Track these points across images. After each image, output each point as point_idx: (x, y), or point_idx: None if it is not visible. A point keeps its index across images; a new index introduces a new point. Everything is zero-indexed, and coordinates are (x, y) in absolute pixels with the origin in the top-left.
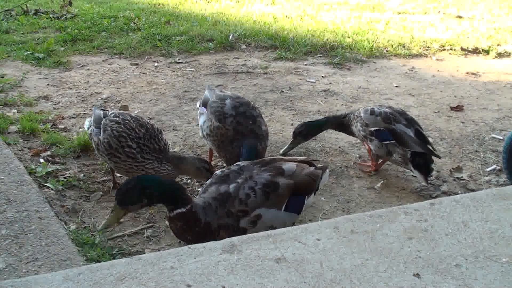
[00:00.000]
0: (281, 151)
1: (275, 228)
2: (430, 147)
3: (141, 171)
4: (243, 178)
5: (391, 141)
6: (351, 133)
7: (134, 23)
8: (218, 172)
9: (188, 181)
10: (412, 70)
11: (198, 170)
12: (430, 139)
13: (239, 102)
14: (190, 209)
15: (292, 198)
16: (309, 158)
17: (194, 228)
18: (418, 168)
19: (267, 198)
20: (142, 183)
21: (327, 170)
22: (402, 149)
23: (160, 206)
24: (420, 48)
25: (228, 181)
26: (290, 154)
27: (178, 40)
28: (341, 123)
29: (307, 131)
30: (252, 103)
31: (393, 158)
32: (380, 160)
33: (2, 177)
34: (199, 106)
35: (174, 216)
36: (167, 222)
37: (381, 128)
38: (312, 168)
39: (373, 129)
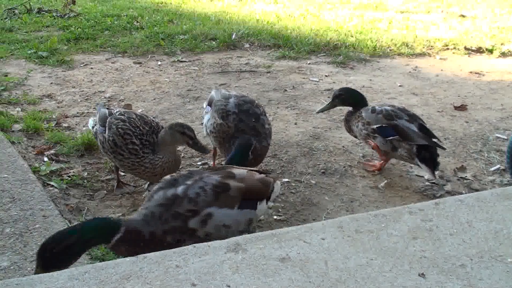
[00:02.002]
0: (317, 110)
1: (229, 227)
2: (435, 140)
3: (140, 166)
4: (192, 180)
5: (395, 137)
6: (349, 127)
7: (137, 21)
8: (167, 176)
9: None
10: (415, 69)
11: (173, 137)
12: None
13: (243, 101)
14: (126, 230)
15: (244, 201)
16: (262, 169)
17: (139, 244)
18: (425, 162)
19: (217, 198)
20: (62, 241)
21: (278, 182)
22: (407, 143)
23: None
24: (423, 47)
25: (177, 185)
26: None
27: (181, 39)
28: (357, 102)
29: (347, 96)
30: (256, 102)
31: (398, 153)
32: (382, 161)
33: (6, 175)
34: (205, 106)
35: (114, 244)
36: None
37: (383, 125)
38: (263, 175)
39: (375, 126)
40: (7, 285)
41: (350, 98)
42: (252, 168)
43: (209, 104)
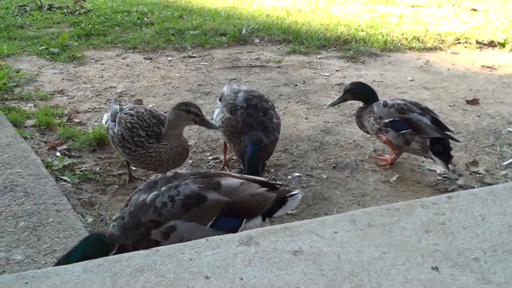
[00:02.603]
0: (328, 103)
1: None
2: (448, 132)
3: (147, 157)
4: (168, 186)
5: (407, 130)
6: (361, 123)
7: (147, 17)
8: (152, 177)
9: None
10: (426, 64)
11: (179, 117)
12: None
13: (252, 95)
14: (119, 247)
15: (224, 218)
16: (272, 181)
17: None
18: (439, 155)
19: (187, 211)
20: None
21: (297, 196)
22: (420, 136)
23: None
24: (434, 42)
25: (153, 189)
26: None
27: (191, 35)
28: (368, 96)
29: (357, 90)
30: (266, 96)
31: (411, 147)
32: (394, 155)
33: (19, 170)
34: (218, 101)
35: None
36: None
37: (396, 119)
38: (263, 190)
39: (388, 120)
40: (22, 278)
41: (361, 92)
42: (258, 179)
43: (220, 99)
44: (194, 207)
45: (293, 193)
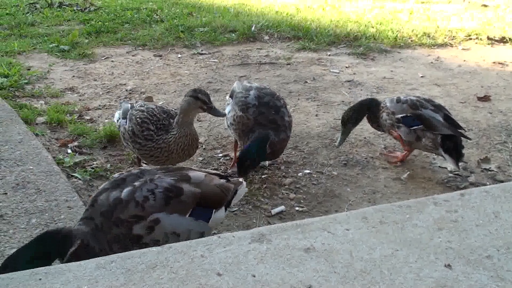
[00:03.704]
0: (336, 144)
1: (179, 236)
2: (461, 130)
3: (157, 149)
4: (141, 181)
5: (419, 126)
6: (376, 123)
7: (157, 14)
8: (115, 175)
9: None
10: (437, 60)
11: (188, 104)
12: None
13: (264, 93)
14: (81, 244)
15: (198, 209)
16: (223, 171)
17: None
18: (449, 152)
19: (167, 203)
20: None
21: (243, 185)
22: (432, 133)
23: None
24: (445, 38)
25: (123, 185)
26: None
27: (201, 31)
28: (370, 108)
29: (356, 115)
30: (278, 94)
31: (422, 143)
32: (405, 152)
33: (31, 167)
34: (228, 98)
35: (68, 259)
36: None
37: (408, 114)
38: (223, 181)
39: (400, 116)
40: (36, 274)
41: (359, 114)
42: (212, 171)
43: (231, 96)
44: (174, 199)
45: (238, 181)
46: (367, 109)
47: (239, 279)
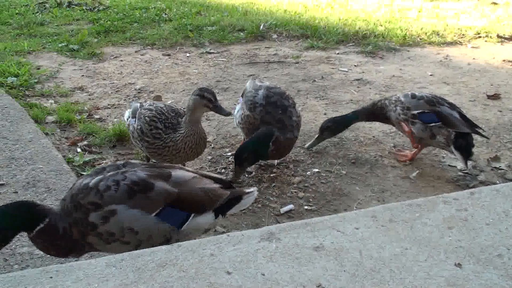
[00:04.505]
0: (306, 145)
1: (136, 233)
2: (477, 129)
3: (165, 148)
4: (116, 172)
5: (437, 123)
6: (385, 119)
7: (166, 14)
8: (102, 164)
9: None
10: (446, 58)
11: (194, 102)
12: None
13: (273, 92)
14: (49, 223)
15: (170, 209)
16: (229, 180)
17: (54, 240)
18: (460, 150)
19: (130, 197)
20: None
21: (252, 195)
22: (447, 130)
23: None
24: (454, 36)
25: (100, 174)
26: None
27: (209, 31)
28: (371, 112)
29: (335, 126)
30: (287, 93)
31: (436, 140)
32: (414, 151)
33: (41, 166)
34: (240, 97)
35: (34, 235)
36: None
37: (426, 111)
38: (216, 186)
39: (416, 112)
40: (47, 272)
41: (340, 126)
42: (212, 175)
43: (242, 95)
44: (139, 194)
45: (248, 190)
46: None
47: (249, 277)
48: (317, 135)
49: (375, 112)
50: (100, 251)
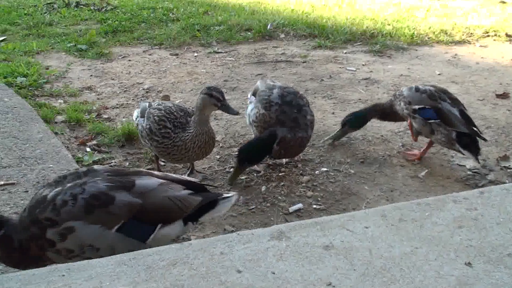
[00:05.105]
0: (325, 138)
1: (98, 250)
2: (476, 129)
3: (173, 147)
4: (74, 183)
5: (436, 120)
6: (394, 115)
7: (173, 13)
8: (64, 172)
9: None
10: (455, 57)
11: (202, 101)
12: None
13: (287, 92)
14: (4, 234)
15: (133, 222)
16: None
17: (11, 254)
18: (468, 148)
19: (89, 212)
20: None
21: (230, 199)
22: (446, 128)
23: None
24: (462, 35)
25: (60, 184)
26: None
27: (217, 30)
28: (383, 110)
29: (355, 119)
30: (300, 93)
31: (435, 136)
32: (423, 149)
33: (51, 165)
34: (250, 96)
35: None
36: None
37: (426, 106)
38: (186, 193)
39: (417, 107)
40: (58, 270)
41: (360, 119)
42: (182, 178)
43: (254, 94)
44: (98, 208)
45: (225, 195)
46: (368, 116)
47: (259, 276)
48: (339, 128)
49: (386, 110)
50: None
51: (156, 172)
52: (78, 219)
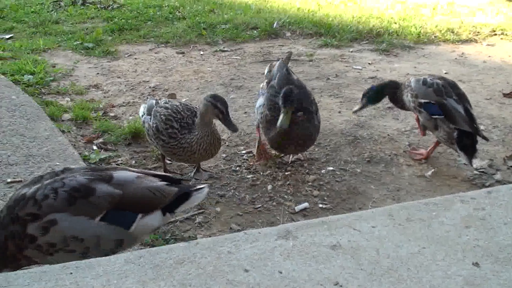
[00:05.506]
0: (353, 109)
1: (82, 241)
2: (477, 127)
3: (179, 148)
4: (53, 179)
5: (440, 116)
6: (402, 103)
7: (179, 12)
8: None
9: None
10: (461, 56)
11: (206, 108)
12: (482, 127)
13: (298, 94)
14: None
15: (115, 211)
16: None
17: None
18: (464, 150)
19: (71, 204)
20: None
21: (202, 192)
22: (449, 126)
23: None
24: (469, 33)
25: (38, 182)
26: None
27: (223, 29)
28: (395, 92)
29: (372, 92)
30: (312, 98)
31: (437, 132)
32: (430, 148)
33: (58, 163)
34: (266, 72)
35: None
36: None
37: (432, 102)
38: (162, 183)
39: (423, 101)
40: (67, 268)
41: (378, 92)
42: (156, 173)
43: (269, 71)
44: (80, 200)
45: (198, 187)
46: (385, 90)
47: (266, 275)
48: (360, 100)
49: (397, 94)
50: (39, 264)
51: (131, 168)
52: (60, 211)
